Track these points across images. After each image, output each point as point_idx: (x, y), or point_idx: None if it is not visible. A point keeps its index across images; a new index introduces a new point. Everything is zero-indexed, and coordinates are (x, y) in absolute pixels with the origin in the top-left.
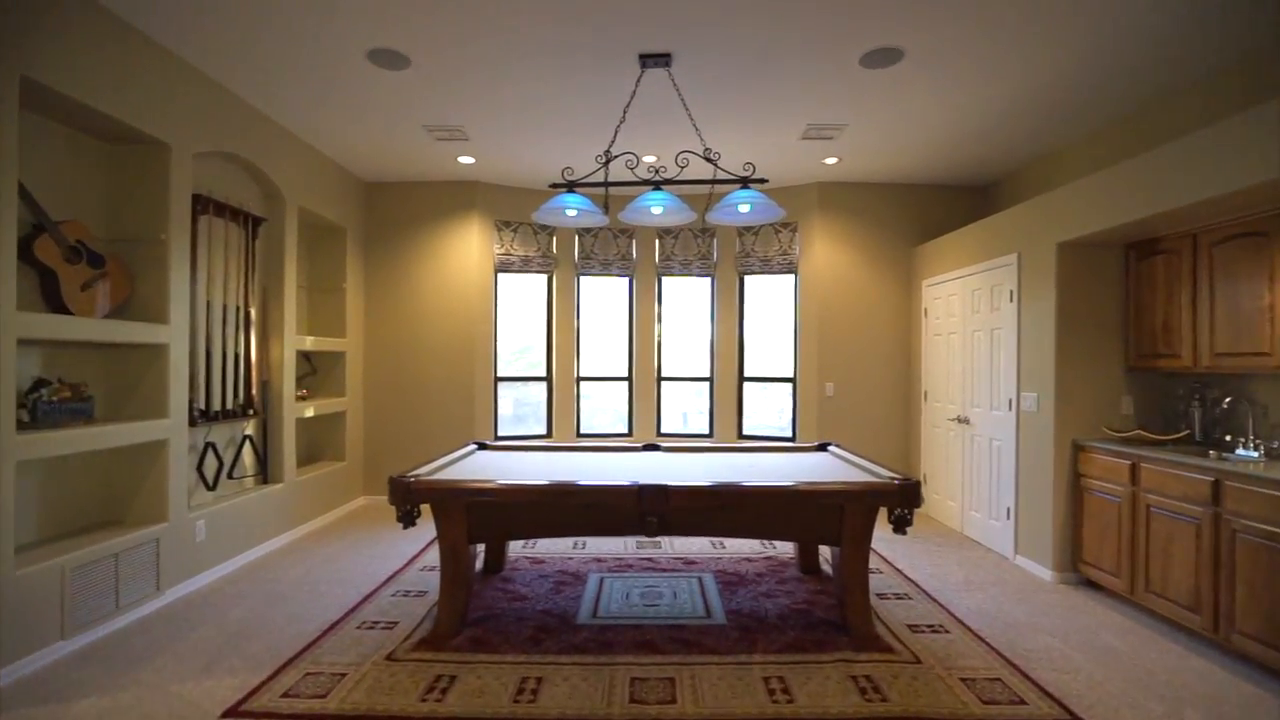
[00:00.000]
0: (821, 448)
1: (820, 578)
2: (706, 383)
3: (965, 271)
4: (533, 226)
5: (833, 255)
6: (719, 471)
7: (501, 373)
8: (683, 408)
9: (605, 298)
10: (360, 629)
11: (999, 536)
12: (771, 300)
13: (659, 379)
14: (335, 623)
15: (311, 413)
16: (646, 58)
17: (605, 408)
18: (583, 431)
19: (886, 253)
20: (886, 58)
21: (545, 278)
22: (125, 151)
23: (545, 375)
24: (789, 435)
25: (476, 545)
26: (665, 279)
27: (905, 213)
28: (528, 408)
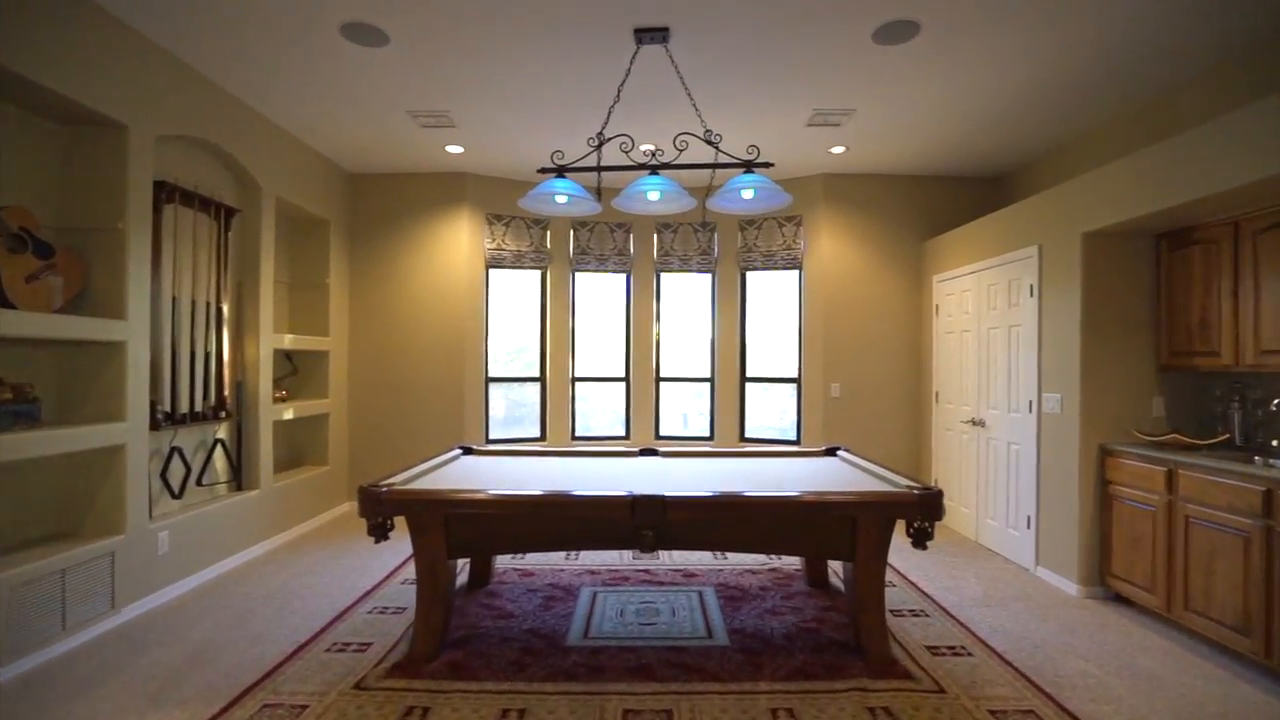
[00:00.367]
0: (830, 452)
1: (829, 592)
2: (707, 383)
3: (980, 265)
4: (525, 220)
5: (839, 250)
6: (720, 479)
7: (497, 374)
8: (682, 409)
9: (601, 295)
10: (330, 651)
11: (1018, 546)
12: (775, 297)
13: (657, 379)
14: (304, 644)
15: (291, 415)
16: (642, 32)
17: (602, 409)
18: (578, 434)
19: (895, 247)
20: (901, 32)
21: (539, 274)
22: (78, 133)
23: (539, 376)
24: (793, 438)
25: (458, 560)
26: (664, 275)
27: (914, 205)
28: (525, 409)
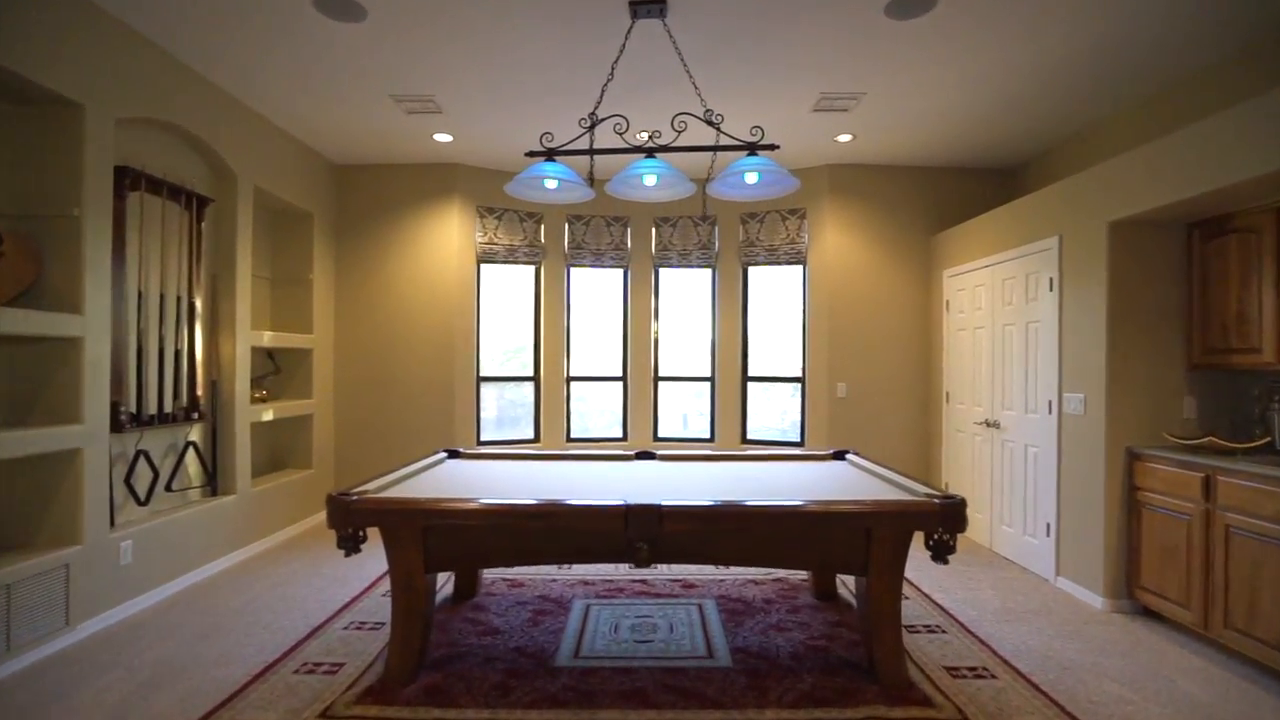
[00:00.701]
0: (838, 456)
1: (838, 605)
2: (707, 383)
3: (995, 259)
4: (518, 213)
5: (844, 244)
6: (721, 485)
7: (493, 374)
8: (682, 409)
9: (598, 291)
10: (298, 673)
11: (1037, 555)
12: (778, 293)
13: (656, 379)
14: (271, 664)
15: (271, 416)
16: (638, 4)
17: (599, 410)
18: (574, 436)
19: (903, 241)
20: (915, 5)
21: (532, 269)
22: (28, 113)
23: (533, 375)
24: (797, 439)
25: (438, 574)
26: (662, 270)
27: (923, 198)
28: (520, 410)
